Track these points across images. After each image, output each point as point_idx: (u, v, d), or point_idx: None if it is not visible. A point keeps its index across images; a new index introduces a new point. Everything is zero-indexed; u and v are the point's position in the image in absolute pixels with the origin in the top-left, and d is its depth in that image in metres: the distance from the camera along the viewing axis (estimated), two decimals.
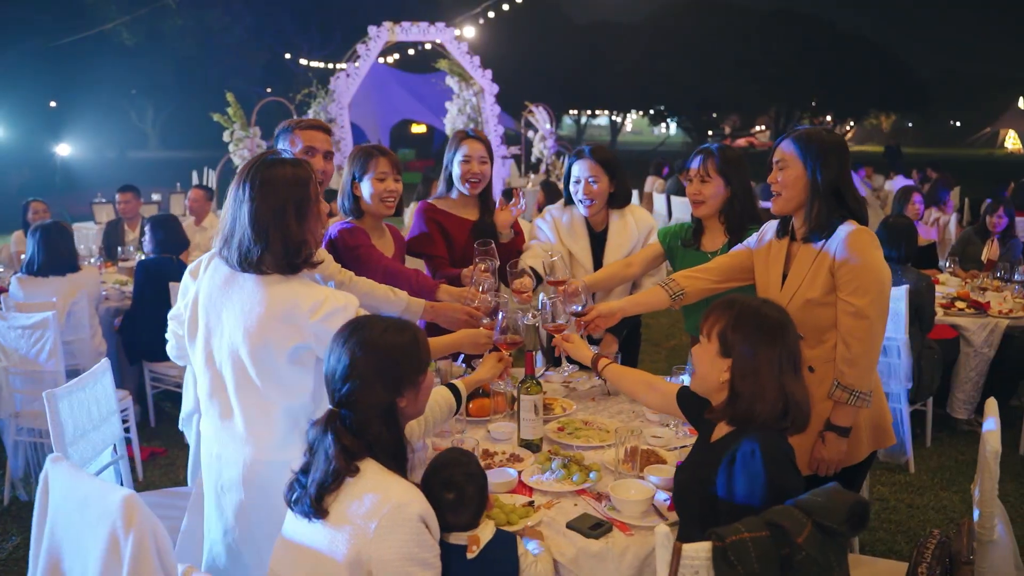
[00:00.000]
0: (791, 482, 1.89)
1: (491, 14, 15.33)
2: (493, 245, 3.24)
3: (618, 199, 3.60)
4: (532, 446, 2.73)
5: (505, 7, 15.12)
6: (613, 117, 51.68)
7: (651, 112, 47.71)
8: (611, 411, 3.12)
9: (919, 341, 4.65)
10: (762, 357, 1.95)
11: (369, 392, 1.87)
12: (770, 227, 2.84)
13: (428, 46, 13.51)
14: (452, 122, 13.53)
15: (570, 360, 3.41)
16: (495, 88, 12.95)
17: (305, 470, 1.89)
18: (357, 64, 11.60)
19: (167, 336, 2.63)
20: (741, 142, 41.55)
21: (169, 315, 2.58)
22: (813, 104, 42.80)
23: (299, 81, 11.11)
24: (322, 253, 2.75)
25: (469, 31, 15.26)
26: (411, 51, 18.55)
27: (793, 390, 1.97)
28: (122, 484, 3.19)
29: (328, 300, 2.26)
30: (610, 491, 2.30)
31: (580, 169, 3.52)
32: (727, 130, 45.61)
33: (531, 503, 2.33)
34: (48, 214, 7.13)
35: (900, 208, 6.72)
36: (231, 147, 10.91)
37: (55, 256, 4.79)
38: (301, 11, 27.58)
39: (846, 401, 2.52)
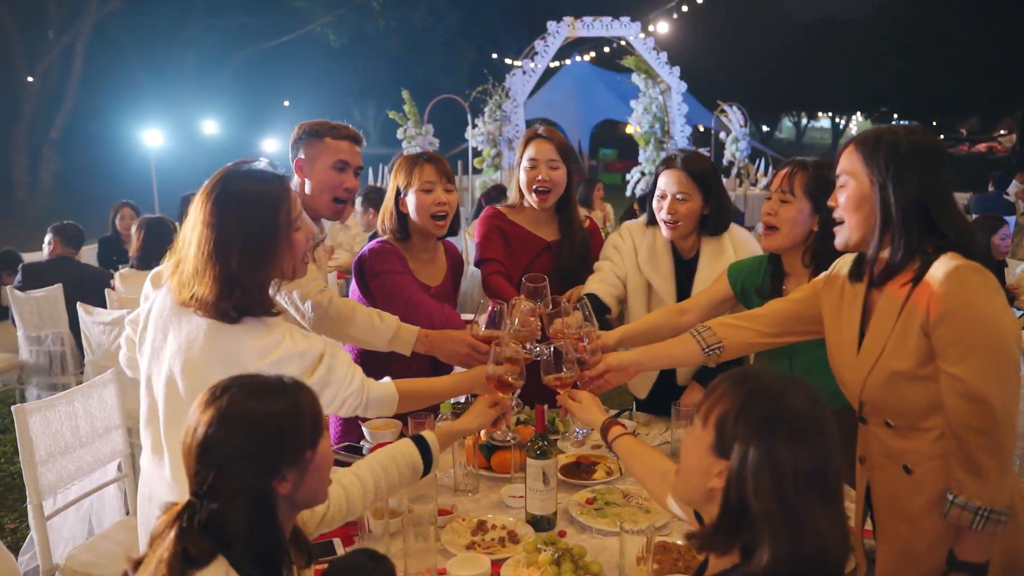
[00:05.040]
0: None
1: (684, 8, 14.47)
2: (547, 284, 2.58)
3: (712, 224, 2.85)
4: (542, 523, 2.17)
5: (700, 0, 14.20)
6: (836, 119, 48.56)
7: (876, 114, 44.23)
8: None
9: None
10: (777, 468, 1.27)
11: (231, 477, 1.41)
12: (844, 263, 2.05)
13: (624, 42, 12.95)
14: (637, 121, 12.91)
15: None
16: (683, 85, 12.18)
17: (139, 564, 1.44)
18: (533, 63, 11.25)
19: (120, 341, 2.29)
20: (980, 147, 37.53)
21: (127, 318, 2.24)
22: None
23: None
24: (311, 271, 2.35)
25: (663, 26, 14.55)
26: (607, 48, 18.08)
27: (820, 526, 1.27)
28: (126, 504, 2.96)
29: (282, 344, 1.90)
30: None
31: (667, 181, 2.80)
32: (964, 133, 41.31)
33: None
34: None
35: None
36: (404, 144, 10.98)
37: (156, 250, 4.72)
38: (508, 9, 27.79)
39: (971, 524, 1.71)
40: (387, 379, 2.18)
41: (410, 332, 2.52)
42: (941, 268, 1.74)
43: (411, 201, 2.81)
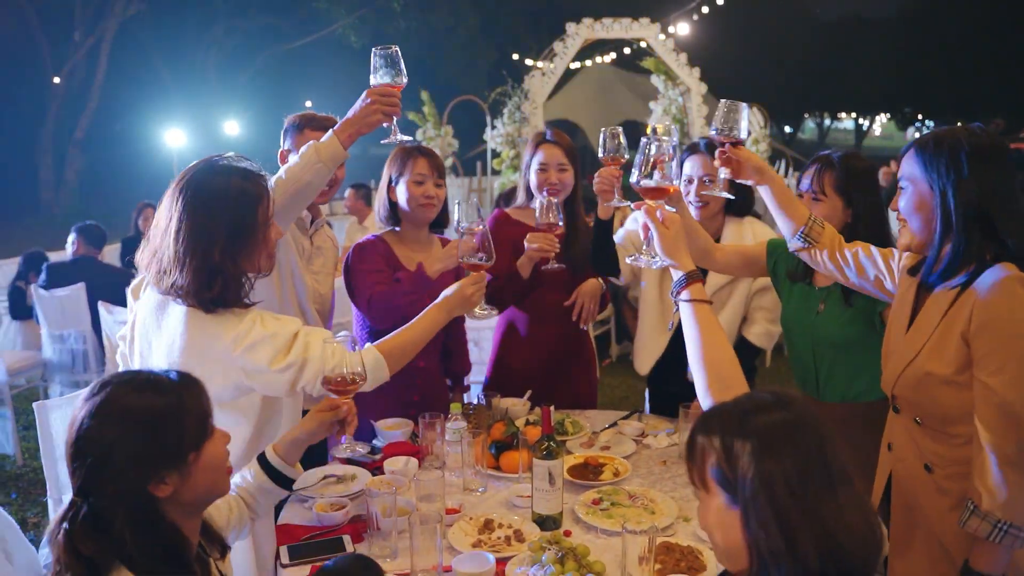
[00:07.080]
0: None
1: (705, 9, 14.40)
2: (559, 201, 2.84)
3: (736, 204, 2.96)
4: (547, 523, 2.20)
5: (720, 1, 14.13)
6: (859, 120, 48.19)
7: (900, 115, 43.81)
8: (678, 481, 2.50)
9: None
10: (770, 485, 1.18)
11: (106, 476, 1.35)
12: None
13: (644, 44, 12.92)
14: (657, 122, 12.88)
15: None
16: (703, 87, 12.13)
17: None
18: (552, 64, 11.25)
19: (117, 358, 2.34)
20: None
21: (118, 335, 2.30)
22: None
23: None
24: None
25: (683, 27, 14.49)
26: (627, 50, 18.03)
27: (827, 516, 1.16)
28: None
29: (253, 329, 1.94)
30: None
31: (693, 166, 2.92)
32: None
33: None
34: None
35: None
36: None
37: None
38: (530, 11, 27.75)
39: (988, 536, 1.69)
40: (367, 344, 2.15)
41: (327, 139, 2.35)
42: (990, 277, 1.73)
43: (401, 191, 2.90)
